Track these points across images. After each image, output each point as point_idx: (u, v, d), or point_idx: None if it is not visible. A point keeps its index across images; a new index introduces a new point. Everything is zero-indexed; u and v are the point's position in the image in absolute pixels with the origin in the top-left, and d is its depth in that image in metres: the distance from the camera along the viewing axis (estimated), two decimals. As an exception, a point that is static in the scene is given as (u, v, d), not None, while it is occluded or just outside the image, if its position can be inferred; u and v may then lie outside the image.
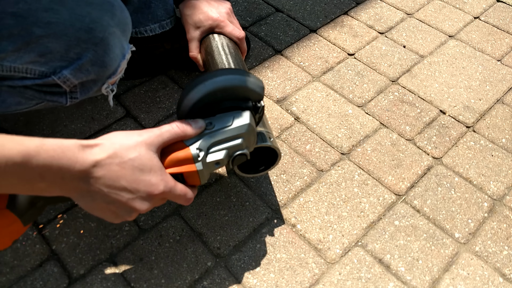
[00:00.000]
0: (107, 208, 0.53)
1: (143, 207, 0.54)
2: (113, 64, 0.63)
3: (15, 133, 0.89)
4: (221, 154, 0.59)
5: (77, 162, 0.48)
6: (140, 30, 0.90)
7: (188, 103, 0.60)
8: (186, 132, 0.57)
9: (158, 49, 0.95)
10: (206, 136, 0.58)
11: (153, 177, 0.53)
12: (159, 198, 0.55)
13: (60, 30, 0.56)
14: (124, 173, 0.51)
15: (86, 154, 0.49)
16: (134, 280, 0.70)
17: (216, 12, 0.81)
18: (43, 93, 0.63)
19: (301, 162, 0.86)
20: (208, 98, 0.60)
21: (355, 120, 0.94)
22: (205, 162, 0.58)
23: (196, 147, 0.57)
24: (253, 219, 0.78)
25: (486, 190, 0.83)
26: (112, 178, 0.50)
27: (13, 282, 0.69)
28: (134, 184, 0.52)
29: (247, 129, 0.59)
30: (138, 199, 0.53)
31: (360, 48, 1.09)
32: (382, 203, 0.81)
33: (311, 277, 0.71)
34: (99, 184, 0.50)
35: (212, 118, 0.60)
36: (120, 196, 0.51)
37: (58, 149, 0.47)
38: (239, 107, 0.61)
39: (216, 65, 0.76)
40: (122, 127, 0.90)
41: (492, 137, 0.92)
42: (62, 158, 0.47)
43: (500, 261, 0.74)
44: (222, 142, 0.59)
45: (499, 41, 1.13)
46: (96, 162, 0.49)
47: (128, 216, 0.55)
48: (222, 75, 0.60)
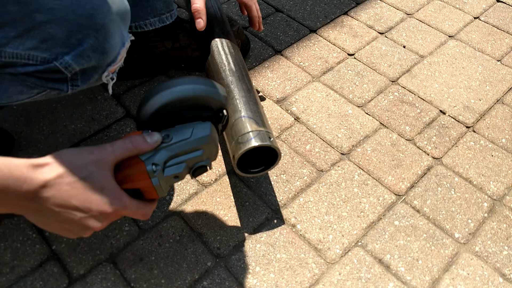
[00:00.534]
0: (60, 226, 0.53)
1: (97, 225, 0.54)
2: (113, 51, 0.63)
3: (15, 133, 0.89)
4: (179, 167, 0.57)
5: (24, 182, 0.47)
6: (139, 24, 0.89)
7: (145, 114, 0.58)
8: (139, 148, 0.56)
9: (158, 48, 0.95)
10: (162, 150, 0.56)
11: (105, 195, 0.52)
12: (113, 216, 0.54)
13: (61, 16, 0.56)
14: (75, 192, 0.50)
15: (36, 173, 0.48)
16: (134, 280, 0.70)
17: None
18: (45, 80, 0.63)
19: (301, 162, 0.86)
20: (165, 109, 0.57)
21: (355, 120, 0.94)
22: (162, 177, 0.56)
23: (151, 162, 0.55)
24: (253, 219, 0.78)
25: (486, 190, 0.83)
26: (63, 198, 0.50)
27: (13, 282, 0.69)
28: (86, 204, 0.51)
29: (207, 141, 0.58)
30: (91, 218, 0.52)
31: (360, 48, 1.09)
32: (382, 203, 0.81)
33: (311, 277, 0.71)
34: (49, 204, 0.50)
35: (170, 130, 0.57)
36: (72, 215, 0.51)
37: (5, 168, 0.46)
38: (200, 117, 0.59)
39: (215, 64, 0.76)
40: (122, 127, 0.90)
41: (492, 137, 0.92)
42: (9, 177, 0.46)
43: (500, 261, 0.74)
44: (180, 155, 0.57)
45: (499, 41, 1.13)
46: (45, 182, 0.49)
47: (83, 233, 0.55)
48: (180, 85, 0.57)
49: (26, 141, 0.87)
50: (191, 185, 0.82)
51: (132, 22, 0.89)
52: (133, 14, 0.88)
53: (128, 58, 0.94)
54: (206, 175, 0.83)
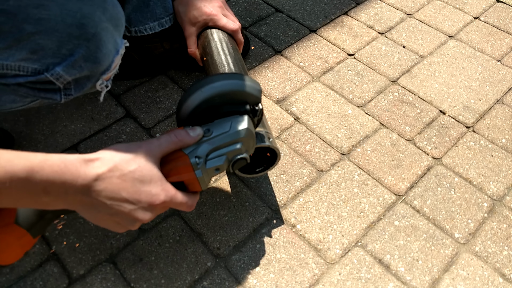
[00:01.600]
0: (111, 219, 0.54)
1: (146, 217, 0.55)
2: (106, 60, 0.63)
3: (15, 133, 0.89)
4: (220, 160, 0.59)
5: (79, 177, 0.49)
6: (139, 29, 0.90)
7: (186, 110, 0.61)
8: (184, 141, 0.58)
9: (157, 49, 0.95)
10: (204, 143, 0.58)
11: (153, 187, 0.54)
12: (161, 207, 0.56)
13: (51, 27, 0.56)
14: (125, 185, 0.52)
15: (88, 168, 0.50)
16: (134, 280, 0.70)
17: (209, 6, 0.82)
18: (37, 90, 0.63)
19: (301, 162, 0.86)
20: (205, 104, 0.60)
21: (355, 120, 0.94)
22: (205, 169, 0.59)
23: (195, 155, 0.58)
24: (253, 219, 0.78)
25: (486, 191, 0.83)
26: (114, 191, 0.52)
27: (13, 282, 0.69)
28: (135, 195, 0.53)
29: (245, 134, 0.60)
30: (140, 209, 0.54)
31: (360, 49, 1.09)
32: (382, 203, 0.81)
33: (311, 277, 0.71)
34: (101, 197, 0.51)
35: (210, 124, 0.60)
36: (123, 207, 0.53)
37: (61, 164, 0.48)
38: (237, 111, 0.61)
39: (215, 65, 0.76)
40: (122, 127, 0.90)
41: (492, 137, 0.92)
42: (65, 173, 0.48)
43: (500, 261, 0.74)
44: (220, 148, 0.59)
45: (499, 41, 1.13)
46: (97, 176, 0.51)
47: (132, 226, 0.56)
48: (218, 81, 0.60)
49: (26, 141, 0.87)
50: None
51: (132, 27, 0.90)
52: (133, 20, 0.89)
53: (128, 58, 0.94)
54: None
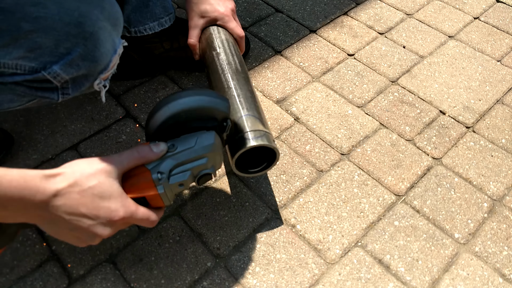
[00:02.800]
0: (71, 234, 0.55)
1: (105, 232, 0.55)
2: (104, 59, 0.63)
3: (15, 133, 0.89)
4: (184, 175, 0.59)
5: (38, 192, 0.49)
6: (139, 29, 0.90)
7: (153, 125, 0.60)
8: (146, 156, 0.58)
9: (157, 49, 0.95)
10: (168, 159, 0.58)
11: (112, 203, 0.54)
12: (120, 223, 0.56)
13: (48, 25, 0.56)
14: (84, 200, 0.53)
15: (48, 184, 0.51)
16: (134, 281, 0.70)
17: (222, 6, 0.83)
18: (34, 89, 0.63)
19: (301, 162, 0.86)
20: (172, 120, 0.60)
21: (355, 120, 0.94)
22: (167, 185, 0.58)
23: (157, 171, 0.57)
24: (253, 220, 0.78)
25: (486, 191, 0.83)
26: (72, 206, 0.52)
27: (13, 283, 0.69)
28: (94, 211, 0.53)
29: (211, 149, 0.60)
30: (99, 225, 0.54)
31: (360, 49, 1.09)
32: (382, 204, 0.81)
33: (310, 278, 0.71)
34: (60, 212, 0.52)
35: (176, 140, 0.60)
36: (82, 222, 0.53)
37: (21, 179, 0.49)
38: (205, 127, 0.61)
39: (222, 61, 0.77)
40: (122, 127, 0.90)
41: (492, 137, 0.92)
42: (24, 188, 0.48)
43: (500, 262, 0.74)
44: (185, 163, 0.59)
45: (499, 42, 1.13)
46: (56, 192, 0.51)
47: (92, 241, 0.57)
48: (185, 97, 0.60)
49: (26, 141, 0.87)
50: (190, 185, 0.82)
51: (132, 28, 0.90)
52: (133, 20, 0.89)
53: (127, 58, 0.94)
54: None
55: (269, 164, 0.73)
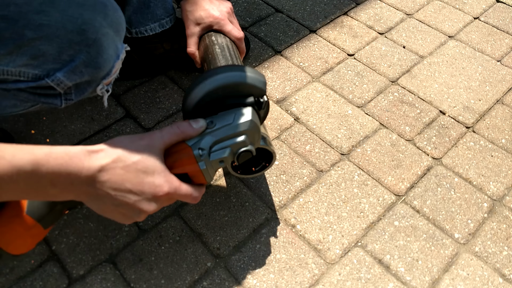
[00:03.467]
0: (116, 210, 0.55)
1: (151, 208, 0.55)
2: (107, 65, 0.63)
3: (15, 133, 0.89)
4: (224, 152, 0.59)
5: (83, 168, 0.50)
6: (140, 30, 0.90)
7: (190, 102, 0.61)
8: (186, 132, 0.58)
9: (157, 50, 0.95)
10: (207, 136, 0.58)
11: (156, 178, 0.54)
12: (165, 199, 0.56)
13: (52, 33, 0.56)
14: (129, 176, 0.53)
15: (92, 159, 0.51)
16: (134, 281, 0.70)
17: (217, 10, 0.82)
18: (38, 95, 0.64)
19: (301, 162, 0.86)
20: (209, 97, 0.60)
21: (354, 120, 0.94)
22: (208, 161, 0.59)
23: (198, 147, 0.58)
24: (252, 220, 0.78)
25: (486, 191, 0.83)
26: (117, 182, 0.52)
27: (13, 283, 0.69)
28: (139, 187, 0.53)
29: (249, 126, 0.59)
30: (145, 200, 0.54)
31: (360, 49, 1.09)
32: (382, 204, 0.81)
33: (310, 278, 0.71)
34: (105, 187, 0.52)
35: (214, 117, 0.60)
36: (127, 198, 0.53)
37: (66, 156, 0.49)
38: (242, 103, 0.61)
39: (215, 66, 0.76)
40: (122, 128, 0.90)
41: (491, 137, 0.92)
42: (70, 164, 0.49)
43: (499, 262, 0.74)
44: (224, 140, 0.59)
45: (499, 42, 1.13)
46: (101, 167, 0.51)
47: (137, 217, 0.57)
48: (222, 73, 0.60)
49: (26, 141, 0.87)
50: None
51: (133, 29, 0.90)
52: (134, 21, 0.89)
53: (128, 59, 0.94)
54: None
55: (265, 166, 0.72)
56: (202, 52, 0.83)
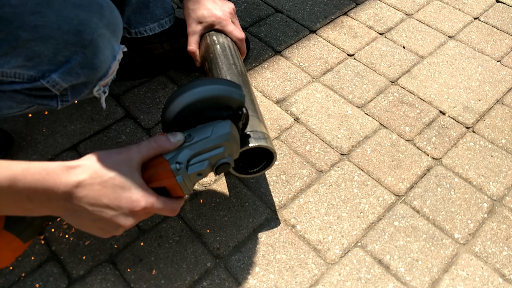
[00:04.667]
0: (94, 225, 0.55)
1: (128, 223, 0.56)
2: (103, 66, 0.63)
3: (15, 133, 0.89)
4: (202, 165, 0.59)
5: (60, 183, 0.50)
6: (139, 30, 0.90)
7: (169, 115, 0.61)
8: (164, 146, 0.58)
9: (157, 50, 0.95)
10: (185, 149, 0.59)
11: (134, 193, 0.55)
12: (142, 213, 0.57)
13: (47, 34, 0.56)
14: (106, 191, 0.53)
15: (69, 175, 0.51)
16: (134, 281, 0.70)
17: (220, 10, 0.82)
18: (33, 97, 0.63)
19: (301, 162, 0.86)
20: (188, 110, 0.60)
21: (354, 120, 0.94)
22: (186, 175, 0.59)
23: (175, 161, 0.58)
24: (252, 220, 0.78)
25: (485, 191, 0.83)
26: (95, 197, 0.53)
27: (13, 283, 0.69)
28: (116, 202, 0.54)
29: (227, 138, 0.60)
30: (122, 215, 0.55)
31: (360, 49, 1.09)
32: (382, 204, 0.81)
33: (310, 278, 0.71)
34: (82, 203, 0.52)
35: (192, 130, 0.60)
36: (104, 213, 0.54)
37: (43, 171, 0.50)
38: (220, 116, 0.61)
39: (216, 69, 0.76)
40: (122, 128, 0.90)
41: (491, 137, 0.92)
42: (47, 180, 0.50)
43: (499, 262, 0.74)
44: (202, 153, 0.59)
45: (499, 42, 1.13)
46: (78, 183, 0.52)
47: (115, 231, 0.57)
48: (200, 86, 0.60)
49: (25, 141, 0.87)
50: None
51: (132, 29, 0.90)
52: (133, 21, 0.89)
53: (127, 59, 0.94)
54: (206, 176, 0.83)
55: (266, 165, 0.72)
56: (203, 51, 0.83)
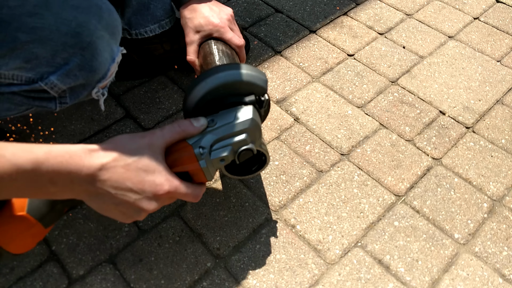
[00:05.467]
0: (117, 209, 0.55)
1: (151, 207, 0.55)
2: (102, 68, 0.63)
3: (15, 133, 0.89)
4: (225, 150, 0.59)
5: (84, 166, 0.50)
6: (140, 32, 0.90)
7: (191, 101, 0.61)
8: (187, 131, 0.58)
9: (157, 50, 0.95)
10: (208, 134, 0.58)
11: (157, 177, 0.54)
12: (166, 197, 0.56)
13: (45, 35, 0.56)
14: (129, 174, 0.52)
15: (93, 158, 0.51)
16: (134, 281, 0.70)
17: (217, 17, 0.80)
18: (32, 99, 0.63)
19: (301, 162, 0.86)
20: (210, 95, 0.60)
21: (354, 120, 0.94)
22: (209, 160, 0.59)
23: (198, 145, 0.58)
24: (252, 220, 0.78)
25: (485, 191, 0.83)
26: (118, 180, 0.52)
27: (13, 283, 0.69)
28: (140, 185, 0.53)
29: (250, 124, 0.59)
30: (145, 199, 0.54)
31: (360, 49, 1.09)
32: (382, 204, 0.81)
33: (310, 278, 0.71)
34: (106, 186, 0.51)
35: (215, 115, 0.60)
36: (127, 197, 0.53)
37: (66, 154, 0.49)
38: (243, 102, 0.61)
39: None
40: (122, 128, 0.90)
41: (491, 137, 0.92)
42: (70, 163, 0.49)
43: (499, 262, 0.74)
44: (225, 138, 0.59)
45: (499, 42, 1.13)
46: (102, 166, 0.51)
47: (138, 216, 0.56)
48: (223, 71, 0.60)
49: (26, 141, 0.87)
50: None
51: (133, 30, 0.90)
52: (133, 23, 0.89)
53: (127, 59, 0.94)
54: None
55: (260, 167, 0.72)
56: (201, 60, 0.82)
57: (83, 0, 0.58)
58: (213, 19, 0.80)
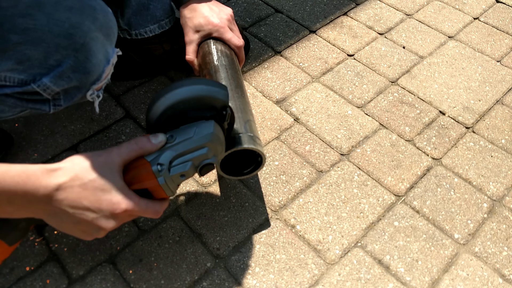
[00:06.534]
0: (75, 227, 0.55)
1: (109, 225, 0.55)
2: (96, 70, 0.62)
3: (14, 134, 0.89)
4: (185, 166, 0.59)
5: (41, 186, 0.50)
6: (140, 32, 0.90)
7: (152, 116, 0.60)
8: (144, 148, 0.57)
9: (157, 50, 0.95)
10: (167, 150, 0.58)
11: (114, 196, 0.54)
12: (124, 215, 0.56)
13: (37, 37, 0.55)
14: (86, 194, 0.53)
15: (50, 178, 0.51)
16: (134, 281, 0.70)
17: (217, 17, 0.80)
18: (25, 101, 0.63)
19: (301, 163, 0.86)
20: (171, 111, 0.59)
21: (354, 121, 0.94)
22: (168, 176, 0.58)
23: (157, 162, 0.57)
24: (252, 220, 0.78)
25: (485, 191, 0.83)
26: (75, 200, 0.52)
27: (13, 283, 0.69)
28: (97, 204, 0.53)
29: (210, 138, 0.59)
30: (103, 217, 0.54)
31: (360, 49, 1.09)
32: (382, 204, 0.81)
33: (310, 278, 0.71)
34: (63, 205, 0.52)
35: (175, 131, 0.59)
36: (85, 215, 0.53)
37: (23, 174, 0.49)
38: (204, 116, 0.60)
39: (213, 74, 0.76)
40: (122, 128, 0.90)
41: (491, 138, 0.92)
42: (27, 183, 0.49)
43: (499, 262, 0.74)
44: (185, 154, 0.59)
45: (499, 42, 1.13)
46: (58, 186, 0.51)
47: (97, 234, 0.57)
48: (182, 87, 0.59)
49: (25, 141, 0.87)
50: (190, 186, 0.82)
51: (133, 30, 0.90)
52: (133, 23, 0.89)
53: (127, 59, 0.94)
54: (205, 176, 0.83)
55: (256, 167, 0.72)
56: (200, 60, 0.82)
57: (76, 1, 0.58)
58: (213, 19, 0.80)
